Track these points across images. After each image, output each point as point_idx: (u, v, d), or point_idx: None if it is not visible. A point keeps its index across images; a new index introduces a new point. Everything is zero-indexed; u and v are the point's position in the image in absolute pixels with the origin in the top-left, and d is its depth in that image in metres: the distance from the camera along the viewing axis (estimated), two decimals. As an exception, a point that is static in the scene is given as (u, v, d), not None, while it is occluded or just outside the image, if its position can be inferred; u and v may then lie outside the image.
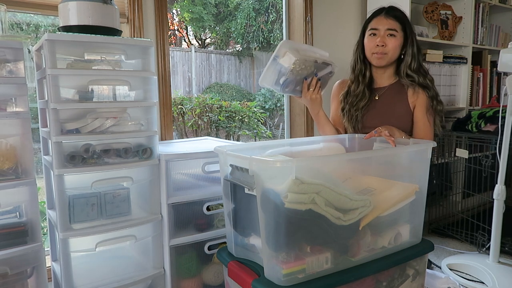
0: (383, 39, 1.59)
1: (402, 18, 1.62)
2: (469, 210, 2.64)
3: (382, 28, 1.59)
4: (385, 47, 1.59)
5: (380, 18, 1.61)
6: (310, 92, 1.54)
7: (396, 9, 1.64)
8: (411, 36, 1.63)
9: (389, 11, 1.62)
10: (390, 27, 1.58)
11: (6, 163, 1.31)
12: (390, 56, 1.62)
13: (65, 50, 1.38)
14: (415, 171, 1.31)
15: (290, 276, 1.05)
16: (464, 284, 1.93)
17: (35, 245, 1.33)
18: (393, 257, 1.23)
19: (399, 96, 1.68)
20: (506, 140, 1.90)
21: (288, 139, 2.19)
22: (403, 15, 1.63)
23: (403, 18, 1.63)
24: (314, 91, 1.54)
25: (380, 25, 1.60)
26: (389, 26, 1.58)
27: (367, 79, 1.70)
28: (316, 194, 1.04)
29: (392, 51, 1.60)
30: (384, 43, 1.59)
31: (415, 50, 1.63)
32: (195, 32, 8.57)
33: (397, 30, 1.59)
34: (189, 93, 7.01)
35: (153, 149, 1.49)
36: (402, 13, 1.64)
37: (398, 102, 1.68)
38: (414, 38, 1.63)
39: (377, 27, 1.60)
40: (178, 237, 1.55)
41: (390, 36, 1.59)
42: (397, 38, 1.59)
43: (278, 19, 7.61)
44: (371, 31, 1.62)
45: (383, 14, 1.61)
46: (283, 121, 2.66)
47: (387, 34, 1.59)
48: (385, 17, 1.60)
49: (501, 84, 3.12)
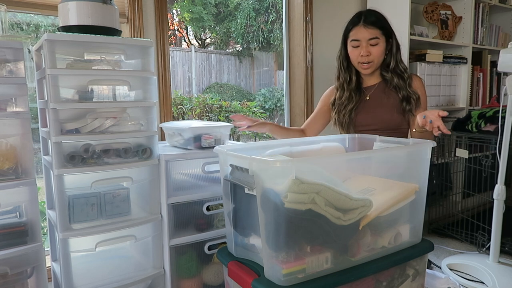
0: (367, 49, 1.59)
1: (381, 22, 1.61)
2: (469, 210, 2.64)
3: (364, 39, 1.59)
4: (370, 56, 1.60)
5: (359, 28, 1.60)
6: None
7: (373, 13, 1.63)
8: (391, 37, 1.64)
9: (366, 18, 1.60)
10: (371, 36, 1.58)
11: (6, 163, 1.31)
12: (377, 63, 1.64)
13: (65, 50, 1.38)
14: (415, 171, 1.31)
15: (290, 276, 1.05)
16: (464, 284, 1.93)
17: (35, 245, 1.33)
18: (393, 257, 1.23)
19: (388, 91, 1.70)
20: (506, 140, 1.90)
21: (288, 139, 2.18)
22: (381, 18, 1.62)
23: (382, 22, 1.62)
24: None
25: (361, 35, 1.59)
26: (370, 36, 1.58)
27: (354, 83, 1.71)
28: (316, 194, 1.04)
29: (377, 58, 1.62)
30: (368, 53, 1.60)
31: (394, 50, 1.65)
32: (195, 32, 8.57)
33: (378, 37, 1.59)
34: (189, 93, 7.00)
35: (153, 149, 1.49)
36: (379, 16, 1.63)
37: (387, 98, 1.69)
38: (394, 38, 1.64)
39: (358, 38, 1.60)
40: (178, 237, 1.55)
41: (373, 46, 1.59)
42: (380, 45, 1.60)
43: (278, 19, 7.60)
44: (353, 42, 1.62)
45: (361, 23, 1.60)
46: (283, 121, 2.66)
47: (369, 44, 1.59)
48: (364, 26, 1.59)
49: (501, 84, 3.12)
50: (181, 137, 1.63)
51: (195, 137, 1.56)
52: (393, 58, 1.65)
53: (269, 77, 7.93)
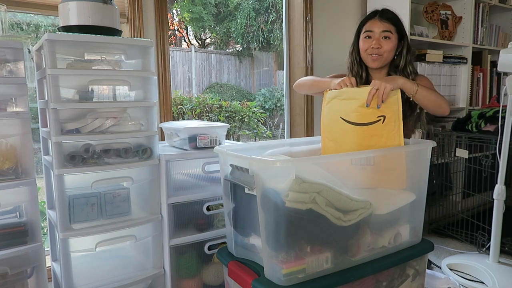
0: (378, 41, 1.61)
1: (396, 20, 1.65)
2: (469, 210, 2.64)
3: (377, 30, 1.60)
4: (380, 49, 1.61)
5: (374, 21, 1.63)
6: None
7: (390, 11, 1.66)
8: (404, 38, 1.65)
9: (383, 13, 1.63)
10: (385, 29, 1.60)
11: (6, 163, 1.31)
12: (385, 58, 1.64)
13: (65, 50, 1.38)
14: (415, 171, 1.31)
15: (290, 276, 1.05)
16: (464, 284, 1.93)
17: (35, 245, 1.33)
18: (393, 257, 1.23)
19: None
20: (506, 140, 1.90)
21: (288, 139, 2.19)
22: (396, 17, 1.65)
23: (397, 20, 1.65)
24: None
25: (375, 27, 1.61)
26: (384, 28, 1.60)
27: (364, 80, 1.72)
28: (317, 194, 1.04)
29: (387, 53, 1.62)
30: (379, 45, 1.61)
31: (404, 52, 1.66)
32: (195, 32, 8.57)
33: (391, 32, 1.61)
34: (189, 93, 7.00)
35: (153, 149, 1.49)
36: (395, 15, 1.66)
37: None
38: (406, 39, 1.66)
39: (372, 29, 1.62)
40: (178, 237, 1.55)
41: (385, 39, 1.60)
42: (391, 40, 1.61)
43: (278, 19, 7.60)
44: (366, 33, 1.64)
45: (377, 17, 1.63)
46: (283, 121, 2.66)
47: (382, 36, 1.60)
48: (379, 19, 1.62)
49: (501, 84, 3.12)
50: (178, 137, 1.63)
51: (190, 138, 1.56)
52: (403, 59, 1.65)
53: (269, 77, 7.93)
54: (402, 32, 1.65)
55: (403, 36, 1.65)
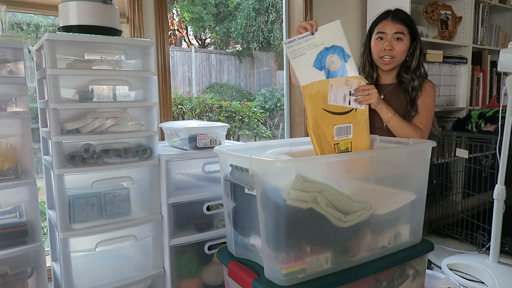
0: (391, 43, 1.59)
1: (409, 20, 1.63)
2: (469, 210, 2.64)
3: (390, 32, 1.59)
4: (392, 51, 1.60)
5: (387, 22, 1.61)
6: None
7: (403, 12, 1.64)
8: (417, 38, 1.64)
9: (395, 14, 1.61)
10: (398, 30, 1.58)
11: (6, 163, 1.31)
12: (398, 60, 1.62)
13: (65, 50, 1.38)
14: (415, 171, 1.31)
15: (290, 276, 1.05)
16: (464, 284, 1.93)
17: (35, 245, 1.33)
18: (393, 257, 1.23)
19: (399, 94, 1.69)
20: (506, 140, 1.90)
21: (288, 139, 2.19)
22: (409, 18, 1.64)
23: (410, 21, 1.63)
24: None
25: (388, 28, 1.60)
26: (397, 30, 1.58)
27: (374, 80, 1.71)
28: (318, 193, 1.04)
29: (400, 55, 1.61)
30: (391, 47, 1.59)
31: (417, 53, 1.64)
32: (195, 32, 8.57)
33: (404, 33, 1.59)
34: (189, 93, 7.01)
35: (153, 149, 1.49)
36: (408, 16, 1.64)
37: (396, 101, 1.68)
38: (418, 41, 1.64)
39: (385, 31, 1.60)
40: (178, 237, 1.55)
41: (397, 40, 1.59)
42: (404, 42, 1.60)
43: (278, 19, 7.61)
44: (378, 34, 1.62)
45: (389, 17, 1.61)
46: (283, 121, 2.66)
47: (394, 38, 1.59)
48: (392, 20, 1.60)
49: (501, 84, 3.12)
50: (178, 137, 1.63)
51: (190, 138, 1.56)
52: (415, 60, 1.64)
53: (269, 77, 7.93)
54: (414, 33, 1.63)
55: (416, 37, 1.64)
